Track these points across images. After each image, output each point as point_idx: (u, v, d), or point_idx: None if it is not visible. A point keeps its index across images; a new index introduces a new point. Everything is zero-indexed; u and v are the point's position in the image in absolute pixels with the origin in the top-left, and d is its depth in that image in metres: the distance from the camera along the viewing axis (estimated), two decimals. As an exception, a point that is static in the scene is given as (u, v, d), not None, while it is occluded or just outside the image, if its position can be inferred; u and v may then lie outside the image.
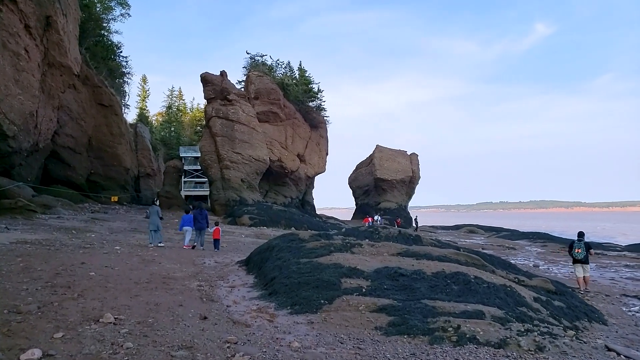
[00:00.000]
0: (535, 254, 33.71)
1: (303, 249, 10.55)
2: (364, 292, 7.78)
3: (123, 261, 11.71)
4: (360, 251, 10.19)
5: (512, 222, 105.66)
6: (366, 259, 9.38)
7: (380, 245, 10.68)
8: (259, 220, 35.07)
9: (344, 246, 10.51)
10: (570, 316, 8.37)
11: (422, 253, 9.99)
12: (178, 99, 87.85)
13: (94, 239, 17.51)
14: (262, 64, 57.97)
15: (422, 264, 9.09)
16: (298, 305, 7.52)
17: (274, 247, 11.40)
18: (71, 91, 38.51)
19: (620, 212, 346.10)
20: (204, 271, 11.41)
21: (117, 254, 13.15)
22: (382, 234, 14.23)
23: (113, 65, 53.52)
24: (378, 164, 67.12)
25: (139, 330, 5.98)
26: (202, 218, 17.59)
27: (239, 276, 10.76)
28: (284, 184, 56.15)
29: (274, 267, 9.69)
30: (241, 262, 12.41)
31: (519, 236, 51.21)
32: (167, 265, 11.64)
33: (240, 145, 43.66)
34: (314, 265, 9.03)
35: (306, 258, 9.65)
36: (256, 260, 11.38)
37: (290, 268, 9.13)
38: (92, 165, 43.96)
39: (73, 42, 33.50)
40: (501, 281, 8.75)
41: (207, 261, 13.52)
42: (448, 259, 9.81)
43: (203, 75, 45.43)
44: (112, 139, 45.43)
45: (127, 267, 10.88)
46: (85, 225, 23.34)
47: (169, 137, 76.44)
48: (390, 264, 9.03)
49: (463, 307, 7.08)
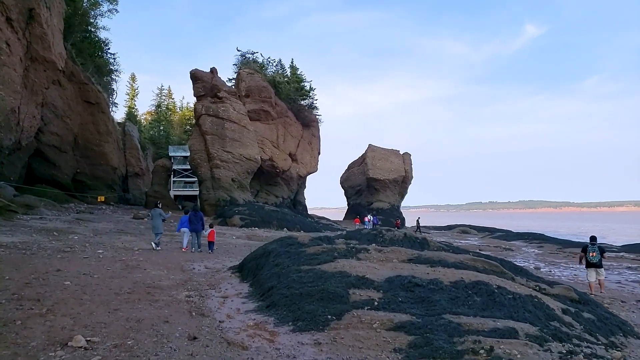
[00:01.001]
0: (534, 255, 33.04)
1: (303, 255, 9.55)
2: (377, 305, 6.83)
3: (104, 267, 10.63)
4: (367, 257, 9.22)
5: (502, 222, 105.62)
6: (375, 267, 8.42)
7: (389, 251, 9.71)
8: (251, 220, 34.00)
9: (348, 251, 9.52)
10: (604, 330, 7.50)
11: (436, 259, 9.05)
12: (167, 98, 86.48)
13: (76, 241, 16.38)
14: (253, 61, 56.79)
15: (437, 272, 8.16)
16: (301, 321, 6.55)
17: (270, 252, 10.37)
18: (56, 88, 37.21)
19: (609, 212, 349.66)
20: (193, 278, 10.37)
21: (99, 259, 12.05)
22: (387, 237, 13.20)
23: (100, 62, 52.06)
24: (371, 164, 66.25)
25: (114, 357, 4.98)
26: (198, 220, 17.28)
27: (232, 284, 9.75)
28: (275, 184, 55.05)
29: (271, 275, 8.70)
30: (234, 268, 11.38)
31: (513, 237, 50.63)
32: (153, 272, 10.57)
33: (230, 144, 42.52)
34: (316, 274, 8.05)
35: (307, 265, 8.66)
36: (251, 267, 10.35)
37: (290, 276, 8.14)
38: (78, 165, 42.61)
39: (57, 36, 32.20)
40: (525, 291, 7.86)
41: (196, 266, 12.45)
42: (465, 265, 8.88)
43: (193, 72, 44.23)
44: (98, 137, 44.09)
45: (108, 274, 9.82)
46: (69, 227, 22.16)
47: (158, 136, 75.21)
48: (403, 272, 8.09)
49: (492, 323, 6.17)
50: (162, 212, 17.51)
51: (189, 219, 17.32)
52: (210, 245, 17.41)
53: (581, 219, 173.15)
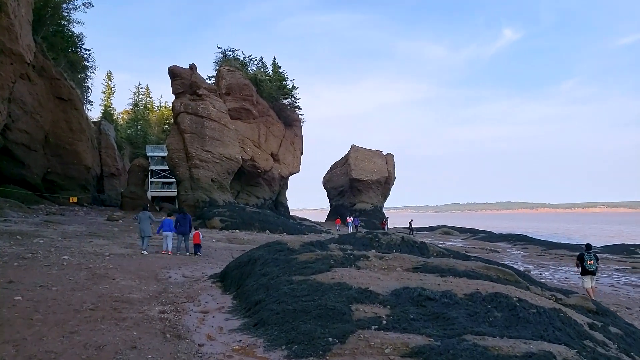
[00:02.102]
0: (520, 257, 32.56)
1: (294, 263, 8.41)
2: (385, 324, 5.80)
3: (66, 277, 9.34)
4: (367, 265, 8.16)
5: (481, 223, 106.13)
6: (378, 277, 7.37)
7: (391, 258, 8.63)
8: (231, 222, 32.64)
9: (346, 259, 8.43)
10: (637, 347, 6.62)
11: (445, 267, 8.04)
12: (145, 97, 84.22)
13: (40, 246, 14.98)
14: (234, 59, 55.25)
15: (449, 282, 7.16)
16: (297, 345, 5.47)
17: (257, 260, 9.17)
18: (25, 82, 35.30)
19: (583, 213, 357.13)
20: (168, 289, 9.16)
21: (62, 267, 10.72)
22: (383, 241, 12.04)
23: (74, 58, 49.94)
24: (354, 164, 65.23)
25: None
26: (186, 223, 16.96)
27: (213, 296, 8.59)
28: (256, 185, 53.61)
29: (258, 287, 7.57)
30: (215, 277, 10.19)
31: (496, 238, 50.26)
32: (123, 282, 9.32)
33: (210, 143, 41.00)
34: (311, 286, 6.97)
35: (300, 275, 7.55)
36: (235, 276, 9.17)
37: (281, 288, 7.03)
38: (49, 164, 40.60)
39: (25, 27, 30.38)
40: (547, 303, 6.93)
41: (173, 275, 11.19)
42: (477, 274, 7.90)
43: (171, 68, 42.57)
44: (71, 135, 42.07)
45: (69, 285, 8.55)
46: (35, 230, 20.60)
47: (136, 135, 73.30)
48: (410, 283, 7.06)
49: (524, 346, 5.20)
50: (152, 215, 17.10)
51: (177, 221, 16.87)
52: (197, 247, 16.90)
53: (558, 220, 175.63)
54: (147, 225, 16.32)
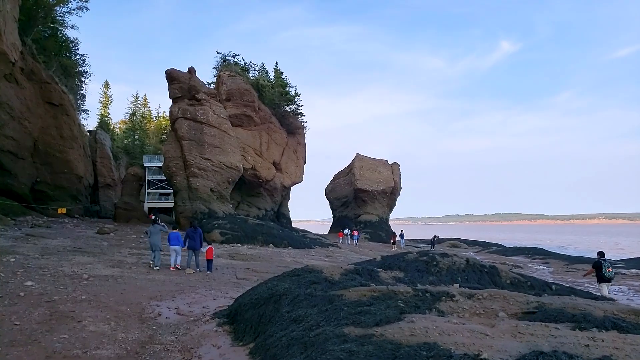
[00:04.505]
0: (548, 273, 29.91)
1: (342, 304, 5.57)
2: None
3: (12, 319, 6.66)
4: (453, 309, 5.36)
5: (482, 235, 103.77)
6: (482, 332, 4.69)
7: (487, 298, 5.74)
8: (232, 236, 29.95)
9: (420, 299, 5.63)
10: None
11: (577, 313, 5.33)
12: (143, 106, 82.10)
13: (8, 265, 12.35)
14: (235, 64, 52.91)
15: (599, 342, 4.48)
16: None
17: (282, 296, 6.31)
18: (12, 86, 32.87)
19: (582, 225, 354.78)
20: (155, 337, 6.48)
21: (17, 299, 8.05)
22: (443, 265, 9.20)
23: (68, 63, 47.56)
24: (358, 174, 62.53)
25: None
26: (197, 237, 16.08)
27: (220, 349, 5.93)
28: (257, 195, 50.90)
29: (290, 342, 4.88)
30: (221, 316, 7.44)
31: (512, 252, 47.66)
32: (91, 327, 6.63)
33: (209, 151, 38.40)
34: (381, 347, 4.29)
35: (356, 326, 4.83)
36: (251, 319, 6.39)
37: (329, 349, 4.37)
38: (38, 173, 37.97)
39: (10, 25, 28.06)
40: None
41: (164, 310, 8.43)
42: (623, 322, 5.23)
43: (169, 72, 40.10)
44: (62, 142, 39.47)
45: (9, 335, 5.90)
46: (12, 245, 17.95)
47: (133, 145, 71.07)
48: (540, 344, 4.37)
49: None
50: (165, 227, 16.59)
51: (187, 236, 16.07)
52: (209, 263, 16.08)
53: (559, 231, 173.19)
54: (159, 239, 15.74)
